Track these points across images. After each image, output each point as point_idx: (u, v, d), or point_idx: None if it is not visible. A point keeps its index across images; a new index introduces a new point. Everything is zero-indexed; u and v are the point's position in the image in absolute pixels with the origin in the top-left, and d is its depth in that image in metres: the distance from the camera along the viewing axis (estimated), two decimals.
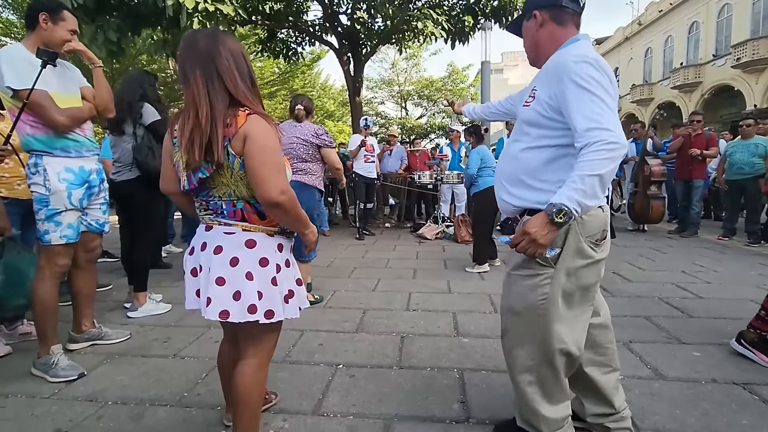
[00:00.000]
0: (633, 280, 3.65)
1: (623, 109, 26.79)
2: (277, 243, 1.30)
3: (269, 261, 1.25)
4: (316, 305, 3.08)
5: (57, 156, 2.02)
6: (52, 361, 2.02)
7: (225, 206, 1.24)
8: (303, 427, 1.60)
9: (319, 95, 21.81)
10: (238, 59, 1.20)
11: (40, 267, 2.07)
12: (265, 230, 1.27)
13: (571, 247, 1.28)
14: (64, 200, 2.03)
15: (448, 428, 1.60)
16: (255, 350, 1.31)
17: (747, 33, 17.19)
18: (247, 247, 1.23)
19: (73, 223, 2.09)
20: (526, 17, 1.42)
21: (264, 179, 1.14)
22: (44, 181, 1.99)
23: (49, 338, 2.06)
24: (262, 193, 1.15)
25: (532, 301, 1.32)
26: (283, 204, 1.16)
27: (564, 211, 1.13)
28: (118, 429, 1.62)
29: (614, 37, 28.12)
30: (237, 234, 1.24)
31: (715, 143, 5.86)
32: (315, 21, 8.74)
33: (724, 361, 2.10)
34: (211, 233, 1.26)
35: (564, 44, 1.34)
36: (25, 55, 1.95)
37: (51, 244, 2.03)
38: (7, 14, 12.54)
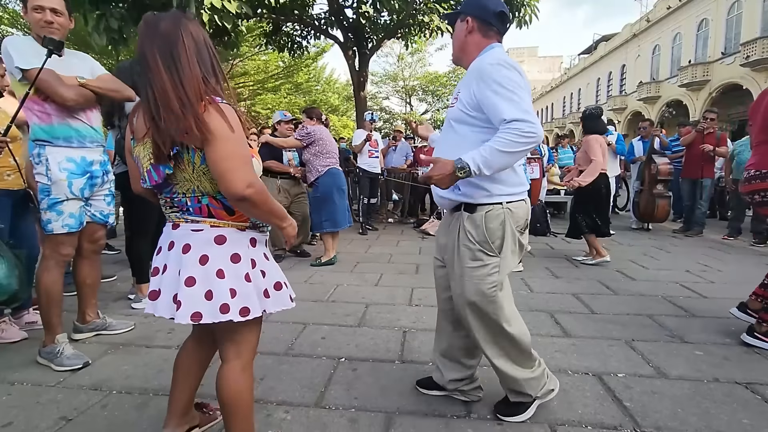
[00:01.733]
0: (637, 279, 3.64)
1: (629, 107, 26.62)
2: (249, 237, 1.23)
3: (241, 257, 1.18)
4: (318, 300, 3.10)
5: (59, 146, 2.04)
6: (57, 350, 2.05)
7: (190, 203, 1.18)
8: (305, 419, 1.62)
9: (324, 89, 21.76)
10: (200, 46, 1.15)
11: (45, 256, 2.10)
12: (235, 225, 1.20)
13: (510, 237, 1.49)
14: (65, 189, 2.05)
15: (449, 423, 1.61)
16: (237, 351, 1.24)
17: (757, 31, 16.98)
18: (217, 243, 1.17)
19: (75, 212, 2.10)
20: (460, 18, 1.59)
21: (226, 173, 1.07)
22: (46, 171, 2.01)
23: (54, 327, 2.09)
24: (227, 187, 1.08)
25: (485, 290, 1.49)
26: (251, 197, 1.09)
27: (465, 169, 1.35)
28: (123, 418, 1.63)
29: (622, 33, 27.85)
30: (205, 231, 1.17)
31: (725, 143, 5.81)
32: (320, 14, 8.70)
33: (726, 361, 2.10)
34: (178, 232, 1.20)
35: (482, 51, 1.55)
36: (32, 43, 1.98)
37: (54, 233, 2.05)
38: (13, 5, 12.57)
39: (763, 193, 2.33)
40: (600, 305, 2.94)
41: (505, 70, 1.39)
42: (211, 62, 1.17)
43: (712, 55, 19.74)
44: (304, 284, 3.51)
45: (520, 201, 1.54)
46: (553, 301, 3.05)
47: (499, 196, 1.48)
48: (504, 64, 1.41)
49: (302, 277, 3.70)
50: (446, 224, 1.67)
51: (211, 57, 1.18)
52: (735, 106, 18.46)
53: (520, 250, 1.56)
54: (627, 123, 26.59)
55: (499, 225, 1.47)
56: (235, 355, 1.24)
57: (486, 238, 1.47)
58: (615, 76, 29.39)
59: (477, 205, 1.49)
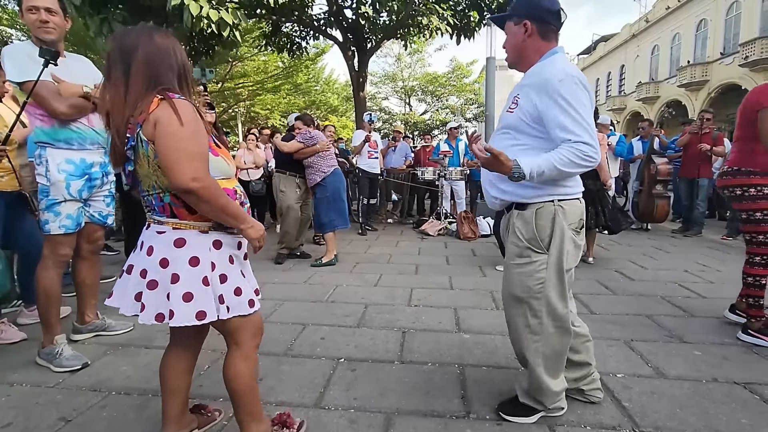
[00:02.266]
0: (635, 279, 3.64)
1: (628, 107, 26.64)
2: (212, 240, 1.23)
3: (200, 260, 1.19)
4: (318, 301, 3.10)
5: (59, 148, 2.06)
6: (56, 350, 2.06)
7: (155, 201, 1.21)
8: (304, 419, 1.61)
9: (323, 90, 21.75)
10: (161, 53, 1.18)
11: (44, 256, 2.10)
12: (197, 226, 1.21)
13: (559, 234, 1.47)
14: (63, 191, 2.07)
15: (448, 423, 1.61)
16: (236, 341, 1.31)
17: (756, 31, 17.00)
18: (176, 246, 1.18)
19: (73, 213, 2.12)
20: (514, 20, 1.53)
21: (171, 165, 1.09)
22: (45, 172, 2.04)
23: (53, 327, 2.09)
24: (172, 179, 1.10)
25: (531, 286, 1.49)
26: (196, 191, 1.10)
27: (521, 175, 1.38)
28: (122, 418, 1.64)
29: (621, 34, 27.87)
30: (167, 233, 1.20)
31: (722, 142, 5.81)
32: (320, 15, 8.71)
33: (725, 361, 2.10)
34: (147, 232, 1.25)
35: (544, 56, 1.51)
36: (30, 51, 1.98)
37: (51, 233, 2.08)
38: (12, 5, 12.55)
39: (732, 189, 2.40)
40: (599, 305, 2.94)
41: (575, 87, 1.39)
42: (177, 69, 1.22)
43: (711, 55, 19.76)
44: (303, 285, 3.51)
45: (575, 200, 1.52)
46: None
47: (550, 195, 1.48)
48: (573, 80, 1.39)
49: (302, 278, 3.70)
50: (504, 225, 1.68)
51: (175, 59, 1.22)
52: (734, 106, 18.41)
53: (576, 249, 1.53)
54: (626, 123, 26.61)
55: (549, 222, 1.47)
56: (234, 345, 1.32)
57: (535, 235, 1.48)
58: (614, 76, 29.42)
59: (528, 204, 1.50)
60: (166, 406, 1.40)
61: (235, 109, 19.60)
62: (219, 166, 1.25)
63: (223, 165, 1.27)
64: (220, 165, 1.25)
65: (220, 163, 1.25)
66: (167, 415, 1.40)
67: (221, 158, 1.26)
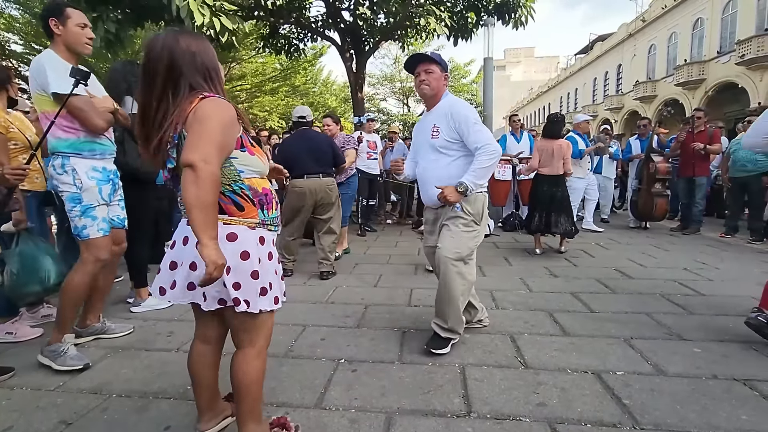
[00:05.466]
0: (634, 277, 3.65)
1: (625, 106, 26.69)
2: (258, 236, 1.28)
3: (250, 254, 1.24)
4: (318, 302, 3.10)
5: (84, 157, 2.13)
6: (62, 349, 2.08)
7: None
8: (305, 420, 1.62)
9: (321, 92, 21.78)
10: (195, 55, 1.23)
11: (84, 261, 2.15)
12: (245, 223, 1.26)
13: (485, 213, 2.25)
14: (96, 195, 2.15)
15: (449, 422, 1.61)
16: (250, 339, 1.34)
17: (752, 29, 17.04)
18: (228, 240, 1.22)
19: (106, 216, 2.22)
20: (440, 69, 2.23)
21: (191, 143, 1.12)
22: (74, 180, 2.10)
23: (66, 326, 2.15)
24: (185, 154, 1.10)
25: (471, 246, 2.21)
26: (199, 170, 1.07)
27: (465, 186, 2.09)
28: (123, 421, 1.63)
29: (618, 33, 27.94)
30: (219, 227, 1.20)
31: (718, 140, 5.81)
32: (317, 17, 8.72)
33: (724, 358, 2.11)
34: None
35: (444, 95, 2.29)
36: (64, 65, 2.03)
37: (90, 237, 2.13)
38: (9, 10, 12.54)
39: None
40: (599, 304, 2.95)
41: (471, 111, 2.20)
42: (205, 65, 1.26)
43: (708, 53, 19.81)
44: (303, 286, 3.51)
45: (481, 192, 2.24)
46: (552, 300, 3.06)
47: (481, 187, 2.20)
48: (469, 107, 2.24)
49: (301, 279, 3.70)
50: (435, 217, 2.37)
51: (205, 60, 1.26)
52: (731, 104, 18.53)
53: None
54: (624, 122, 26.67)
55: (481, 205, 2.23)
56: (248, 343, 1.34)
57: (478, 212, 2.21)
58: (611, 75, 29.46)
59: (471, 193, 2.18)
60: (197, 397, 1.48)
61: None
62: (255, 165, 1.29)
63: (259, 164, 1.31)
64: (257, 164, 1.30)
65: (257, 161, 1.30)
66: (199, 405, 1.49)
67: (257, 157, 1.30)
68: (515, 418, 1.62)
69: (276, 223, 1.37)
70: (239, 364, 1.33)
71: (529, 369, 2.02)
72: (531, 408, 1.69)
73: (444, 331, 2.20)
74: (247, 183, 1.27)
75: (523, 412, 1.66)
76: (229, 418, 1.56)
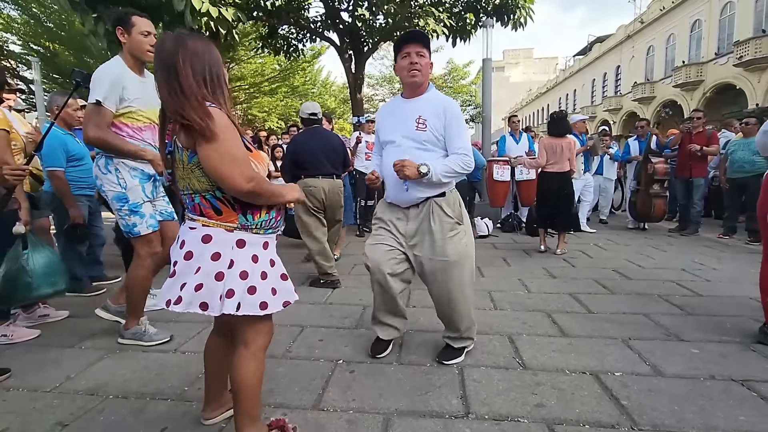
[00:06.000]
0: (633, 278, 3.65)
1: (624, 108, 26.76)
2: (236, 239, 1.28)
3: (221, 255, 1.26)
4: (316, 303, 3.10)
5: (128, 158, 2.22)
6: (143, 329, 2.32)
7: (188, 201, 1.32)
8: (303, 421, 1.61)
9: (320, 92, 21.78)
10: (195, 58, 1.23)
11: (141, 256, 2.29)
12: (223, 226, 1.28)
13: (464, 211, 2.08)
14: (141, 194, 2.26)
15: (447, 423, 1.61)
16: (245, 340, 1.36)
17: (750, 31, 17.12)
18: (203, 242, 1.27)
19: (152, 212, 2.33)
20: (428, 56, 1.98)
21: (225, 174, 1.18)
22: (118, 180, 2.20)
23: (138, 312, 2.34)
24: (229, 187, 1.20)
25: (461, 250, 1.99)
26: (253, 190, 1.21)
27: (427, 170, 1.87)
28: (119, 423, 1.63)
29: (616, 35, 28.02)
30: (197, 229, 1.28)
31: (716, 141, 5.82)
32: (316, 17, 8.72)
33: (722, 358, 2.11)
34: (183, 228, 1.34)
35: (429, 87, 2.05)
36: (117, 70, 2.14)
37: (141, 234, 2.25)
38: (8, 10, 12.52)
39: None
40: (597, 304, 2.95)
41: (459, 112, 2.02)
42: (206, 70, 1.26)
43: (706, 55, 19.89)
44: (301, 287, 3.50)
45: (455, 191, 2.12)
46: (551, 300, 3.06)
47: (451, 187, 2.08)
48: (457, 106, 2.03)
49: (300, 280, 3.69)
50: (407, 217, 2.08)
51: (209, 65, 1.27)
52: (729, 105, 18.59)
53: None
54: (622, 123, 26.73)
55: (458, 203, 2.07)
56: (243, 343, 1.36)
57: (457, 212, 2.03)
58: (610, 76, 29.55)
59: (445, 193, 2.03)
60: (206, 385, 1.57)
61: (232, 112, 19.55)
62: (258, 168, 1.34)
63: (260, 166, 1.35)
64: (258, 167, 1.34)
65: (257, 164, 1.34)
66: (207, 393, 1.57)
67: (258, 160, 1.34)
68: (513, 419, 1.62)
69: (268, 226, 1.36)
70: (234, 363, 1.35)
71: (527, 370, 2.02)
72: (529, 409, 1.69)
73: (457, 340, 2.12)
74: None
75: (521, 413, 1.66)
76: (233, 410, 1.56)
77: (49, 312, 2.75)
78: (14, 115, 3.68)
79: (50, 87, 12.48)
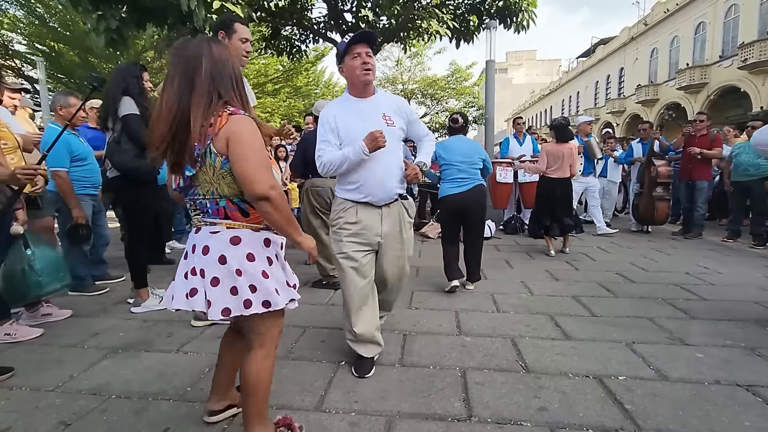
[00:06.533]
0: (636, 281, 3.63)
1: (627, 110, 26.69)
2: (263, 238, 1.33)
3: (256, 256, 1.28)
4: (318, 304, 3.09)
5: None
6: None
7: (209, 204, 1.30)
8: (305, 423, 1.61)
9: (323, 93, 21.79)
10: (220, 65, 1.25)
11: None
12: (249, 227, 1.31)
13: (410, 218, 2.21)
14: None
15: (449, 426, 1.60)
16: (260, 342, 1.37)
17: (754, 34, 17.04)
18: (233, 244, 1.27)
19: None
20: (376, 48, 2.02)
21: (251, 176, 1.18)
22: None
23: None
24: (253, 189, 1.18)
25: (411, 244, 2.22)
26: (273, 199, 1.19)
27: (424, 164, 2.17)
28: (122, 422, 1.63)
29: (620, 37, 27.95)
30: (222, 232, 1.28)
31: (719, 144, 5.78)
32: (319, 18, 8.73)
33: (727, 363, 2.09)
34: (199, 235, 1.31)
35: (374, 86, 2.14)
36: None
37: None
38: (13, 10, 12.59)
39: None
40: (600, 307, 2.94)
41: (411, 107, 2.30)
42: (230, 76, 1.28)
43: (710, 57, 19.81)
44: (303, 287, 3.50)
45: None
46: (554, 303, 3.05)
47: None
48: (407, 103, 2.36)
49: (302, 280, 3.68)
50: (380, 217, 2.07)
51: (232, 71, 1.28)
52: (733, 108, 18.52)
53: None
54: (625, 126, 26.65)
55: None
56: (258, 345, 1.37)
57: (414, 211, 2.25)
58: (613, 79, 29.47)
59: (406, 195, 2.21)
60: (214, 376, 1.59)
61: None
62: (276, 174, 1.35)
63: (276, 173, 1.35)
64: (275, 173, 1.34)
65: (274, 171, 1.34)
66: (215, 384, 1.59)
67: (275, 167, 1.36)
68: (516, 423, 1.61)
69: None
70: (248, 364, 1.36)
71: (530, 373, 2.01)
72: (532, 412, 1.68)
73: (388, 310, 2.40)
74: None
75: (524, 417, 1.65)
76: (235, 408, 1.62)
77: (52, 311, 2.75)
78: (20, 114, 3.69)
79: (55, 86, 12.55)
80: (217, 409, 1.60)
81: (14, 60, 12.97)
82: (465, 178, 3.32)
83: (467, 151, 3.37)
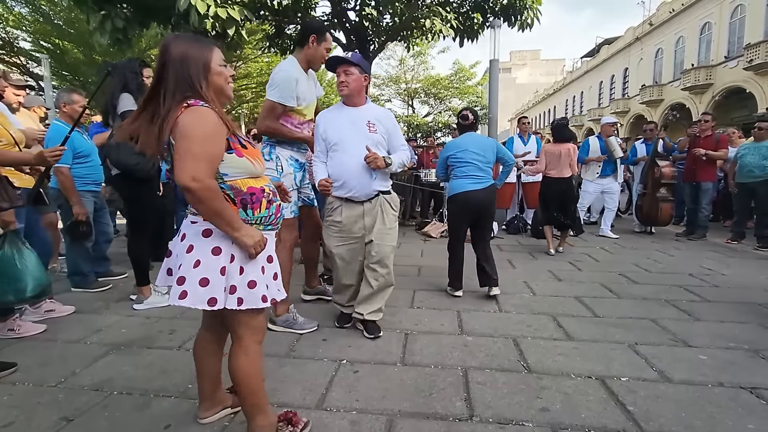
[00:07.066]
0: (639, 282, 3.62)
1: (631, 110, 26.57)
2: None
3: (222, 250, 1.28)
4: (319, 302, 3.09)
5: (285, 148, 2.50)
6: (292, 317, 2.49)
7: None
8: (309, 419, 1.60)
9: (326, 92, 21.78)
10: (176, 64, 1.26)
11: (282, 240, 2.44)
12: None
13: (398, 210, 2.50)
14: (292, 181, 2.50)
15: (450, 426, 1.60)
16: (237, 336, 1.39)
17: (760, 34, 16.93)
18: (204, 236, 1.29)
19: (297, 200, 2.58)
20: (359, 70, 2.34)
21: (177, 163, 1.20)
22: (276, 167, 2.45)
23: (287, 298, 2.33)
24: (176, 176, 1.20)
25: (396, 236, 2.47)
26: (194, 190, 1.18)
27: (390, 163, 2.34)
28: (123, 418, 1.63)
29: (624, 37, 27.83)
30: (198, 223, 1.30)
31: (725, 145, 5.74)
32: (323, 17, 8.72)
33: (730, 365, 2.08)
34: (185, 222, 1.37)
35: (367, 98, 2.50)
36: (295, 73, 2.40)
37: (284, 217, 2.34)
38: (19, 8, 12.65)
39: None
40: (603, 308, 2.93)
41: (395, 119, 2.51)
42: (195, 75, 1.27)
43: (715, 58, 19.69)
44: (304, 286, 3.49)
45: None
46: (556, 303, 3.04)
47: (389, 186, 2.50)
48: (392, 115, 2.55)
49: (302, 279, 3.69)
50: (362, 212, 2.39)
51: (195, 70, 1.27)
52: (738, 109, 18.40)
53: None
54: (630, 126, 26.54)
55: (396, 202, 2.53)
56: (236, 339, 1.39)
57: (397, 207, 2.48)
58: (618, 79, 29.35)
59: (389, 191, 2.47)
60: (199, 385, 1.57)
61: (238, 110, 19.66)
62: (243, 166, 1.33)
63: (247, 165, 1.34)
64: (244, 165, 1.33)
65: (244, 163, 1.33)
66: (200, 393, 1.57)
67: (245, 159, 1.33)
68: (518, 423, 1.60)
69: (268, 222, 1.38)
70: (230, 360, 1.39)
71: (532, 373, 2.00)
72: (534, 413, 1.67)
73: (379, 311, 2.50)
74: (228, 184, 1.31)
75: (525, 417, 1.64)
76: (229, 409, 1.62)
77: (56, 307, 2.77)
78: (24, 111, 3.70)
79: (59, 83, 12.60)
80: (208, 416, 1.59)
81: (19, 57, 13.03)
82: (482, 175, 3.21)
83: (481, 148, 3.26)
